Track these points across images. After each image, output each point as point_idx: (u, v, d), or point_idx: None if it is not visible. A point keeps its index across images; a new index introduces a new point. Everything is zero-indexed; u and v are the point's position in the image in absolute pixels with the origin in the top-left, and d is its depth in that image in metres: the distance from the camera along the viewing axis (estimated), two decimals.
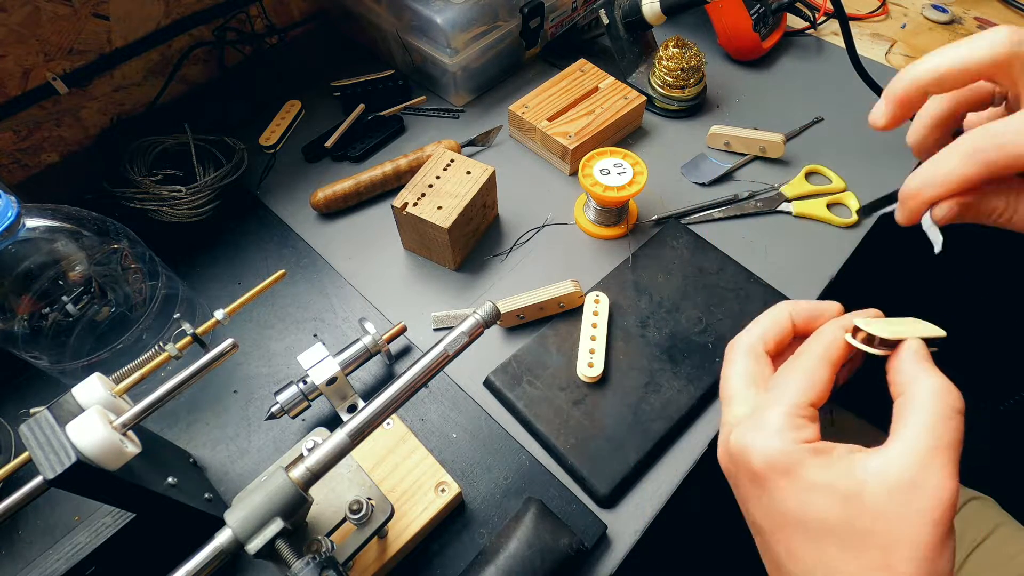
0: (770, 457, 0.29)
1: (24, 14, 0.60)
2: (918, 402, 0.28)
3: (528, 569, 0.40)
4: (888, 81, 0.33)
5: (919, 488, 0.27)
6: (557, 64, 0.80)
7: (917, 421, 0.28)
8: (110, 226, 0.46)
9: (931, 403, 0.28)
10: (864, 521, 0.27)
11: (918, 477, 0.27)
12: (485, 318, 0.39)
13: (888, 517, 0.27)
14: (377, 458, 0.46)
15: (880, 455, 0.28)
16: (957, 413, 0.28)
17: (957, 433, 0.28)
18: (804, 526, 0.28)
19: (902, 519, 0.26)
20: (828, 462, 0.28)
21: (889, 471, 0.27)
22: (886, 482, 0.27)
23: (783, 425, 0.29)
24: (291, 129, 0.74)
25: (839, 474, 0.28)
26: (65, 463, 0.32)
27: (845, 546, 0.27)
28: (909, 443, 0.28)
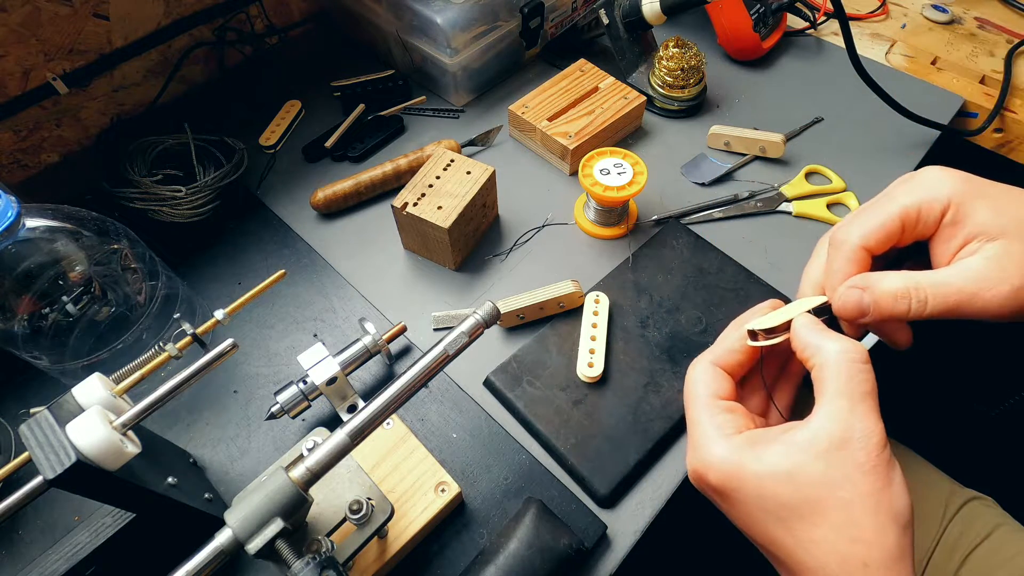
0: (717, 469, 0.32)
1: (24, 14, 0.60)
2: (826, 369, 0.31)
3: (528, 569, 0.40)
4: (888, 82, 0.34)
5: (848, 443, 0.29)
6: (557, 64, 0.80)
7: (830, 386, 0.31)
8: (110, 226, 0.46)
9: (836, 365, 0.31)
10: (815, 490, 0.29)
11: (844, 434, 0.30)
12: (485, 318, 0.39)
13: (832, 479, 0.29)
14: (377, 458, 0.46)
15: (807, 426, 0.31)
16: (863, 364, 0.31)
17: (868, 383, 0.31)
18: (769, 514, 0.31)
19: (845, 477, 0.29)
20: (764, 451, 0.31)
21: (819, 437, 0.30)
22: (818, 448, 0.30)
23: (711, 434, 0.33)
24: (291, 129, 0.74)
25: (778, 457, 0.30)
26: (65, 463, 0.32)
27: (809, 519, 0.30)
28: (828, 407, 0.31)
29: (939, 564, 0.58)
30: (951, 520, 0.60)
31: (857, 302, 0.33)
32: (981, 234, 0.32)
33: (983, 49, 0.81)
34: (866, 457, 0.29)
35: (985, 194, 0.33)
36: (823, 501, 0.29)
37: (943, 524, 0.60)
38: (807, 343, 0.33)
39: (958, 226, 0.33)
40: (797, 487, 0.30)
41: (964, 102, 0.74)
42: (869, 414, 0.30)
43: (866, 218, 0.35)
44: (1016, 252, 0.31)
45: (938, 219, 0.33)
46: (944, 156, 0.70)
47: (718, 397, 0.35)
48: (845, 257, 0.35)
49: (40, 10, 0.61)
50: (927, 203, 0.33)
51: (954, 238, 0.33)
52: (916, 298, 0.32)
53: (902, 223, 0.34)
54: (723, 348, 0.37)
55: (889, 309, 0.32)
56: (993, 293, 0.31)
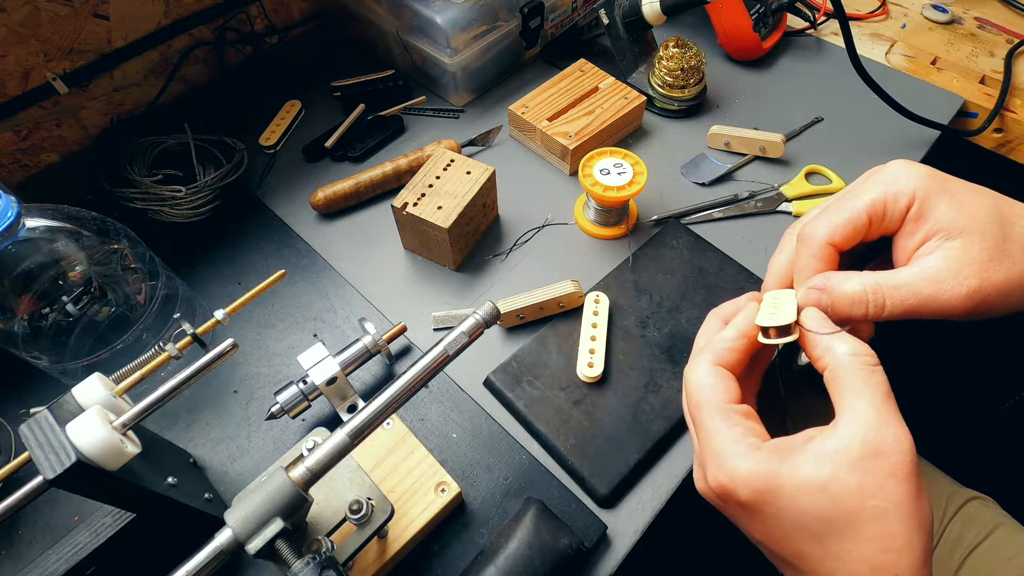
0: (748, 485, 0.30)
1: (24, 14, 0.60)
2: (839, 371, 0.31)
3: (528, 569, 0.40)
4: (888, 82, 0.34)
5: (881, 453, 0.28)
6: (557, 64, 0.80)
7: (849, 391, 0.30)
8: (110, 226, 0.46)
9: (850, 368, 0.30)
10: (851, 501, 0.28)
11: (876, 442, 0.28)
12: (485, 318, 0.39)
13: (867, 489, 0.28)
14: (377, 458, 0.46)
15: (835, 435, 0.29)
16: (876, 366, 0.30)
17: (884, 385, 0.30)
18: (804, 529, 0.29)
19: (879, 487, 0.28)
20: (797, 462, 0.30)
21: (850, 447, 0.29)
22: (851, 458, 0.29)
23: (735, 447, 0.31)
24: (291, 129, 0.74)
25: (812, 468, 0.29)
26: (65, 463, 0.32)
27: (844, 532, 0.29)
28: (852, 412, 0.30)
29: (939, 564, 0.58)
30: (951, 520, 0.60)
31: (816, 304, 0.33)
32: (941, 231, 0.32)
33: (983, 49, 0.81)
34: (901, 464, 0.28)
35: (948, 190, 0.33)
36: (859, 512, 0.28)
37: (943, 524, 0.60)
38: (817, 342, 0.32)
39: (920, 221, 0.33)
40: (833, 499, 0.28)
41: (964, 102, 0.74)
42: (893, 418, 0.29)
43: (833, 214, 0.34)
44: (974, 252, 0.31)
45: (903, 213, 0.33)
46: (944, 156, 0.70)
47: (731, 401, 0.33)
48: (811, 254, 0.35)
49: (40, 10, 0.61)
50: (892, 197, 0.33)
51: (916, 234, 0.33)
52: (874, 301, 0.32)
53: (869, 218, 0.34)
54: (723, 347, 0.35)
55: (846, 311, 0.32)
56: (950, 295, 0.31)
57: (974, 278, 0.31)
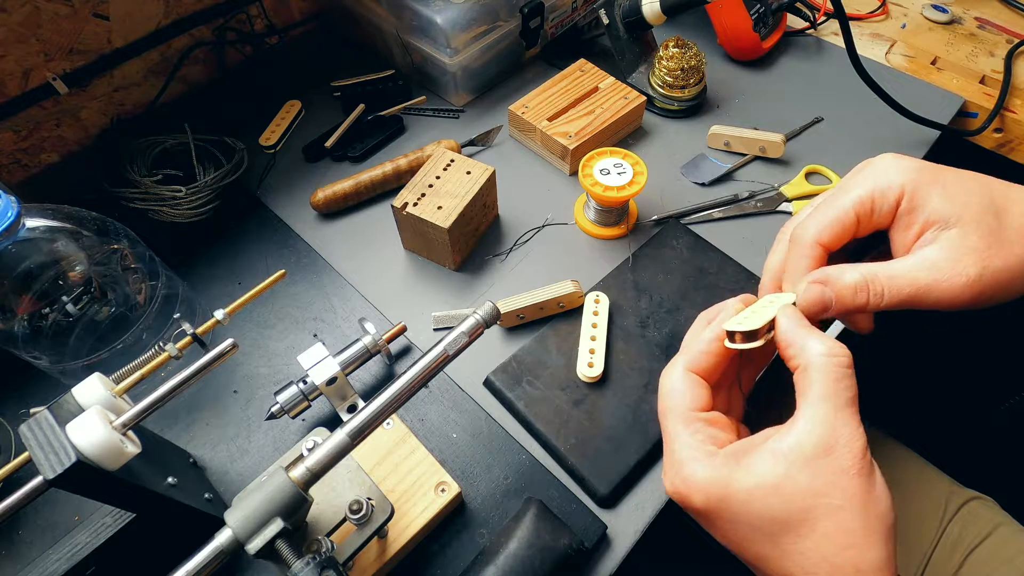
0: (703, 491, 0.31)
1: (24, 14, 0.60)
2: (810, 371, 0.31)
3: (528, 569, 0.40)
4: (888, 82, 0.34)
5: (836, 448, 0.29)
6: (557, 64, 0.80)
7: (814, 390, 0.30)
8: (110, 226, 0.46)
9: (821, 369, 0.30)
10: (804, 500, 0.29)
11: (829, 440, 0.29)
12: (485, 318, 0.39)
13: (819, 487, 0.29)
14: (377, 458, 0.46)
15: (790, 434, 0.30)
16: (847, 369, 0.30)
17: (851, 390, 0.30)
18: (758, 531, 0.30)
19: (831, 484, 0.29)
20: (747, 463, 0.30)
21: (803, 444, 0.29)
22: (804, 457, 0.29)
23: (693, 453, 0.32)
24: (291, 129, 0.74)
25: (764, 469, 0.30)
26: (65, 463, 0.32)
27: (799, 531, 0.29)
28: (811, 411, 0.30)
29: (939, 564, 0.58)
30: (951, 520, 0.60)
31: (819, 297, 0.33)
32: (937, 222, 0.32)
33: (983, 49, 0.81)
34: (852, 461, 0.29)
35: (940, 180, 0.32)
36: (812, 510, 0.29)
37: (943, 524, 0.60)
38: (791, 341, 0.32)
39: (914, 214, 0.32)
40: (786, 499, 0.29)
41: (964, 102, 0.74)
42: (850, 421, 0.29)
43: (821, 214, 0.35)
44: (971, 240, 0.31)
45: (893, 208, 0.33)
46: (944, 156, 0.70)
47: (697, 408, 0.34)
48: (800, 254, 0.35)
49: (40, 10, 0.61)
50: (880, 193, 0.33)
51: (911, 227, 0.33)
52: (873, 291, 0.32)
53: (856, 216, 0.34)
54: (697, 351, 0.35)
55: (850, 302, 0.32)
56: (948, 285, 0.31)
57: (973, 267, 0.30)
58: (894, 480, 0.64)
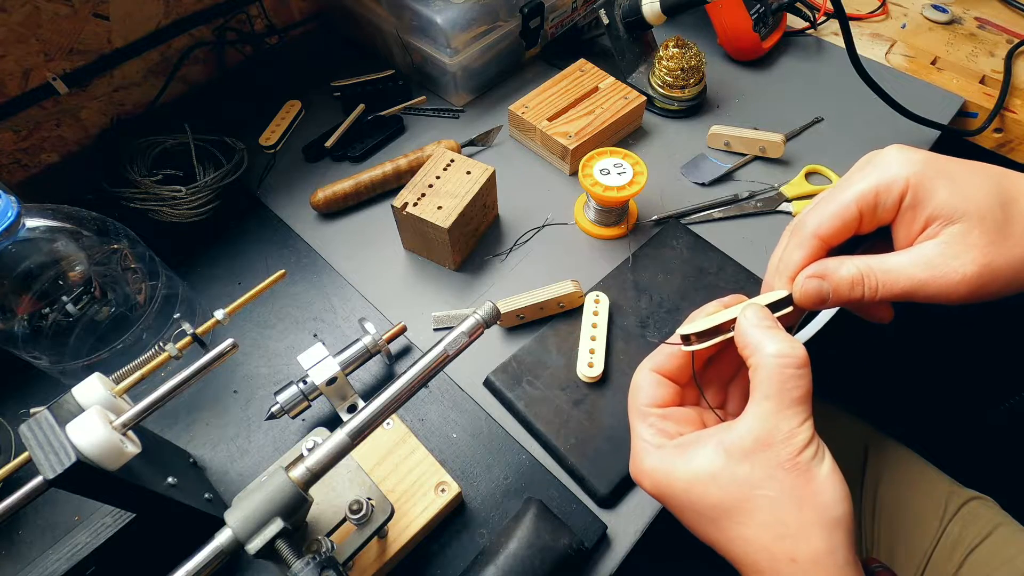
0: (650, 478, 0.34)
1: (24, 14, 0.60)
2: (760, 371, 0.32)
3: (528, 569, 0.40)
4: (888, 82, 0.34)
5: (773, 444, 0.30)
6: (557, 64, 0.80)
7: (760, 389, 0.31)
8: (110, 226, 0.46)
9: (769, 369, 0.31)
10: (740, 490, 0.30)
11: (768, 435, 0.30)
12: (485, 318, 0.39)
13: (756, 479, 0.30)
14: (377, 458, 0.46)
15: (734, 429, 0.31)
16: (797, 369, 0.31)
17: (799, 390, 0.31)
18: (701, 516, 0.32)
19: (767, 477, 0.30)
20: (691, 453, 0.32)
21: (744, 439, 0.31)
22: (743, 448, 0.30)
23: (643, 444, 0.35)
24: (291, 129, 0.74)
25: (704, 460, 0.31)
26: (65, 463, 0.32)
27: (737, 518, 0.31)
28: (755, 409, 0.31)
29: (939, 564, 0.58)
30: (951, 520, 0.60)
31: (817, 290, 0.34)
32: (941, 217, 0.31)
33: (983, 49, 0.81)
34: (787, 456, 0.30)
35: (946, 173, 0.32)
36: (749, 500, 0.30)
37: (943, 524, 0.60)
38: (747, 342, 0.33)
39: (918, 209, 0.32)
40: (722, 487, 0.31)
41: (964, 102, 0.74)
42: (795, 417, 0.30)
43: (822, 207, 0.34)
44: (973, 236, 0.31)
45: (897, 203, 0.32)
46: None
47: (655, 404, 0.36)
48: (796, 245, 0.35)
49: (40, 10, 0.61)
50: (884, 187, 0.32)
51: (915, 221, 0.32)
52: (868, 285, 0.32)
53: (859, 210, 0.33)
54: (662, 353, 0.38)
55: (847, 295, 0.33)
56: (944, 281, 0.31)
57: (972, 264, 0.30)
58: (894, 480, 0.64)
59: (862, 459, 0.67)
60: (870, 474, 0.65)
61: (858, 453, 0.67)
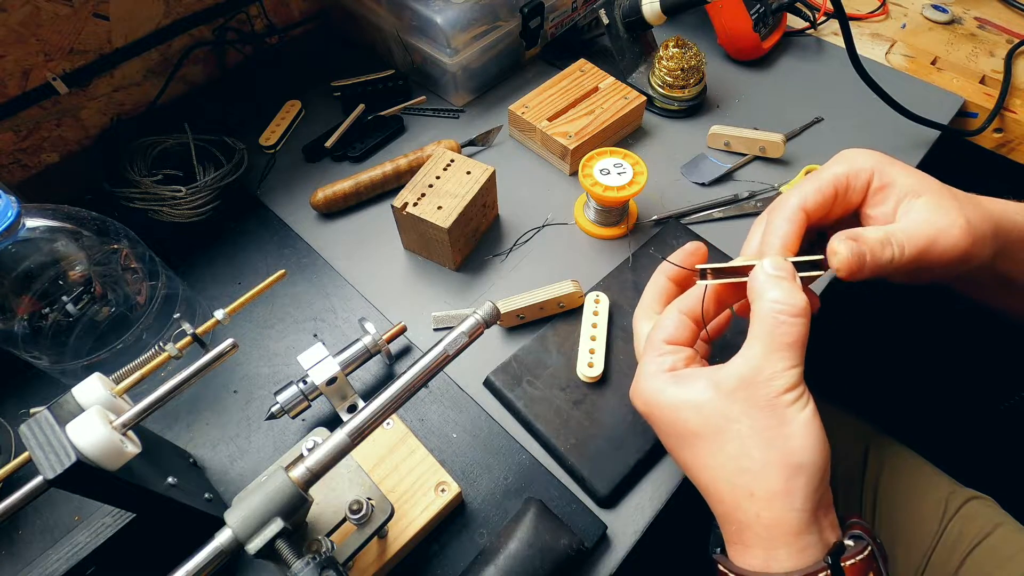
0: (642, 398, 0.37)
1: (24, 14, 0.60)
2: (756, 316, 0.34)
3: (528, 569, 0.40)
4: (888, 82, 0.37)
5: (756, 383, 0.32)
6: (557, 64, 0.80)
7: (755, 331, 0.33)
8: (110, 226, 0.46)
9: (764, 314, 0.33)
10: (716, 421, 0.33)
11: (755, 375, 0.32)
12: (485, 318, 0.39)
13: (732, 413, 0.33)
14: (377, 458, 0.46)
15: (724, 367, 0.34)
16: (792, 317, 0.33)
17: (791, 336, 0.33)
18: (680, 439, 0.35)
19: (744, 412, 0.32)
20: (684, 383, 0.35)
21: (730, 376, 0.33)
22: (729, 385, 0.33)
23: (649, 368, 0.37)
24: (291, 129, 0.74)
25: (693, 390, 0.34)
26: (65, 463, 0.32)
27: (709, 446, 0.33)
28: (746, 351, 0.33)
29: (939, 563, 0.58)
30: (951, 520, 0.60)
31: (858, 253, 0.34)
32: (909, 192, 0.36)
33: (983, 49, 0.81)
34: (764, 396, 0.32)
35: (897, 164, 0.37)
36: (722, 431, 0.33)
37: (943, 523, 0.60)
38: (753, 287, 0.35)
39: (887, 190, 0.37)
40: (703, 416, 0.33)
41: (964, 102, 0.74)
42: (780, 361, 0.32)
43: (804, 186, 0.38)
44: (946, 200, 0.35)
45: (865, 187, 0.37)
46: (944, 156, 0.70)
47: (668, 341, 0.38)
48: (784, 216, 0.37)
49: (40, 10, 0.61)
50: (854, 173, 0.37)
51: (887, 200, 0.37)
52: (896, 244, 0.34)
53: (835, 188, 0.38)
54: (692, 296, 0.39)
55: (879, 256, 0.34)
56: (949, 234, 0.34)
57: (960, 217, 0.34)
58: (894, 480, 0.64)
59: (862, 459, 0.67)
60: (870, 474, 0.65)
61: (858, 453, 0.67)
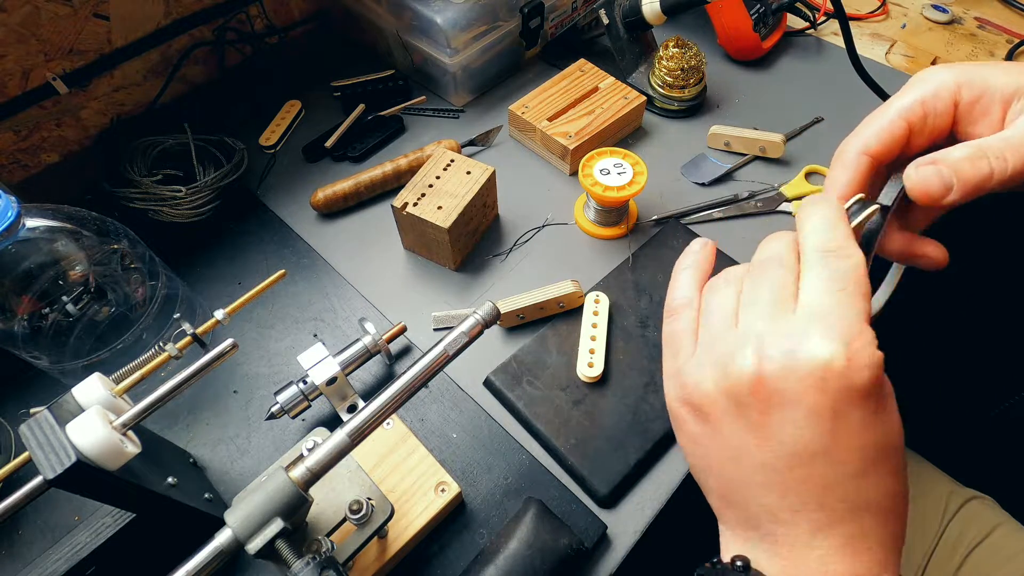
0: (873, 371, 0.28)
1: (24, 14, 0.60)
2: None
3: (528, 569, 0.40)
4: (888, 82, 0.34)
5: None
6: (557, 64, 0.80)
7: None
8: (110, 226, 0.46)
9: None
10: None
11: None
12: (485, 318, 0.39)
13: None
14: (377, 458, 0.46)
15: None
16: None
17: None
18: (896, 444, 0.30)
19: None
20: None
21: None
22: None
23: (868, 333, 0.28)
24: (291, 129, 0.74)
25: None
26: (65, 463, 0.32)
27: None
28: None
29: (939, 563, 0.58)
30: (951, 520, 0.60)
31: (938, 176, 0.29)
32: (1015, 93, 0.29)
33: (983, 49, 0.81)
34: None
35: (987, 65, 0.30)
36: None
37: (943, 523, 0.60)
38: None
39: (985, 98, 0.30)
40: None
41: None
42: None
43: (866, 127, 0.32)
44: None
45: (951, 106, 0.30)
46: None
47: None
48: (843, 165, 0.32)
49: (40, 10, 0.61)
50: (931, 96, 0.30)
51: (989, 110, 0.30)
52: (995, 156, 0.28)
53: (906, 121, 0.31)
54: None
55: (972, 175, 0.28)
56: None
57: None
58: None
59: None
60: None
61: None
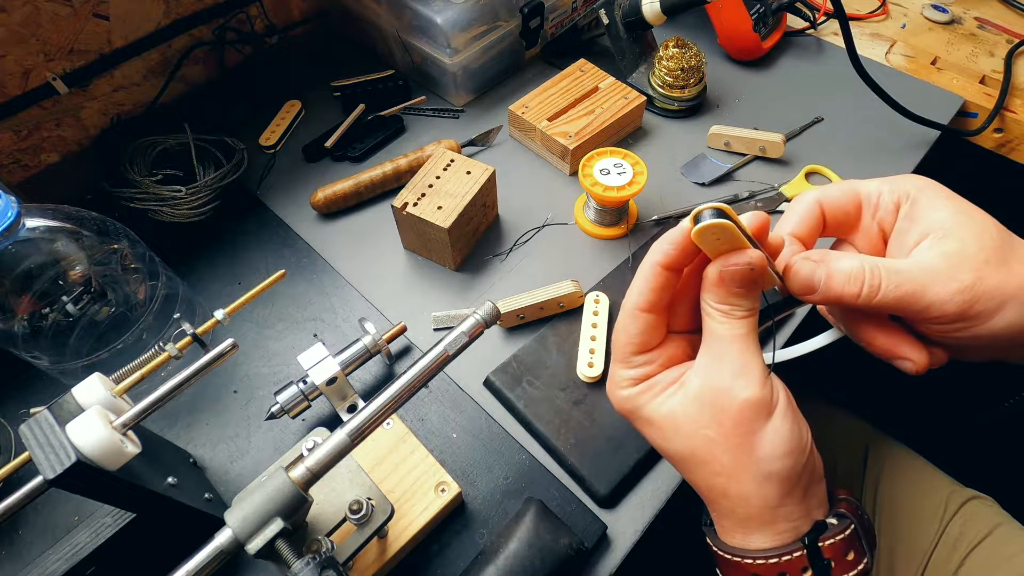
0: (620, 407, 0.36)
1: (24, 14, 0.60)
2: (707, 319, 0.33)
3: (528, 569, 0.40)
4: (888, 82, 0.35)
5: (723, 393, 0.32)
6: (557, 64, 0.80)
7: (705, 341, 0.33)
8: (110, 226, 0.46)
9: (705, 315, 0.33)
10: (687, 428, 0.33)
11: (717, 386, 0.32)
12: (485, 318, 0.39)
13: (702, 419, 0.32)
14: (377, 458, 0.46)
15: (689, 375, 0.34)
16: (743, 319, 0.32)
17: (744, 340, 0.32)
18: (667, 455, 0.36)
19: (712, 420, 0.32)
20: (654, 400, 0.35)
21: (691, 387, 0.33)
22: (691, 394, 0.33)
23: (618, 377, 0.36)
24: (291, 129, 0.74)
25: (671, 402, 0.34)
26: (65, 463, 0.32)
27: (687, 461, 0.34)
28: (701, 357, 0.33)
29: (939, 563, 0.58)
30: (951, 519, 0.60)
31: (809, 274, 0.32)
32: (936, 231, 0.32)
33: (983, 49, 0.81)
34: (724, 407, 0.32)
35: (952, 198, 0.33)
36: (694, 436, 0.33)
37: (943, 523, 0.60)
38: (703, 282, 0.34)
39: (916, 220, 0.33)
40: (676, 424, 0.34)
41: (964, 102, 0.74)
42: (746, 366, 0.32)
43: (833, 186, 0.37)
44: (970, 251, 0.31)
45: (894, 210, 0.34)
46: (944, 156, 0.70)
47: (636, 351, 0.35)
48: (797, 210, 0.36)
49: (40, 10, 0.61)
50: (889, 191, 0.34)
51: (910, 232, 0.33)
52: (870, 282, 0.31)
53: (858, 195, 0.35)
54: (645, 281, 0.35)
55: (839, 289, 0.31)
56: (939, 289, 0.30)
57: (967, 273, 0.30)
58: (894, 480, 0.64)
59: (862, 459, 0.67)
60: (870, 474, 0.65)
61: (858, 453, 0.67)
